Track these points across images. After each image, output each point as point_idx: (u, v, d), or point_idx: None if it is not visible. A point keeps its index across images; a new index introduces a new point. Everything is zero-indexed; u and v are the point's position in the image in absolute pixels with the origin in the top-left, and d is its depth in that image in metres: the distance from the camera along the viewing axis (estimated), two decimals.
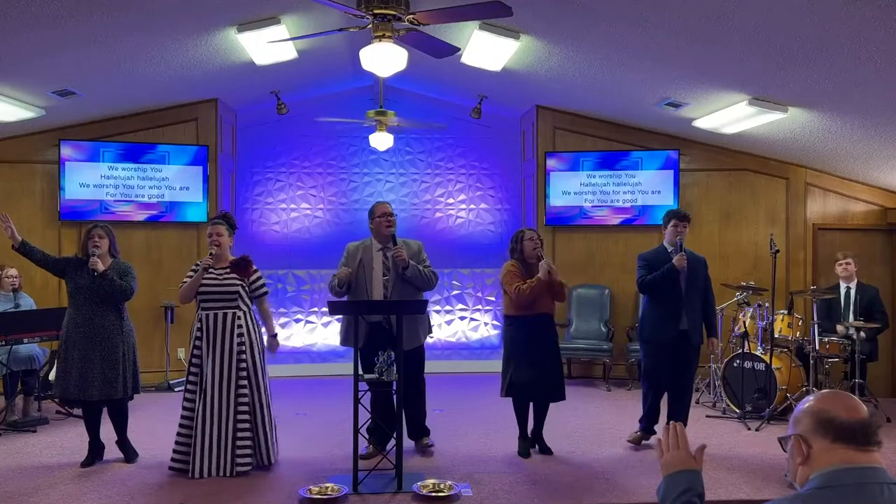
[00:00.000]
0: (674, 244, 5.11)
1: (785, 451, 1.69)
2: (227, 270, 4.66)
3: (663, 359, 5.07)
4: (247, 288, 4.67)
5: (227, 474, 4.45)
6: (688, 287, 5.06)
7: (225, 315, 4.56)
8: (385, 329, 4.75)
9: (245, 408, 4.52)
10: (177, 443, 4.55)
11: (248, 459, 4.52)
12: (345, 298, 4.91)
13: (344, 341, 4.97)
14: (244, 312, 4.62)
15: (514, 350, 4.96)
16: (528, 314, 4.92)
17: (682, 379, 5.12)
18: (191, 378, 4.57)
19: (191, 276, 4.66)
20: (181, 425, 4.55)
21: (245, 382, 4.53)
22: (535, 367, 4.90)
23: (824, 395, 1.68)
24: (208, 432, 4.46)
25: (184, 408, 4.57)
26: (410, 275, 4.82)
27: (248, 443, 4.53)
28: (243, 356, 4.55)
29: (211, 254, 4.65)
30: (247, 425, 4.52)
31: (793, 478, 1.66)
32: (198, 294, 4.61)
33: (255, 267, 4.74)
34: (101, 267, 4.63)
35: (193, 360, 4.57)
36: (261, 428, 4.61)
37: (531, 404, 5.07)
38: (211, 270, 4.65)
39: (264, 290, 4.78)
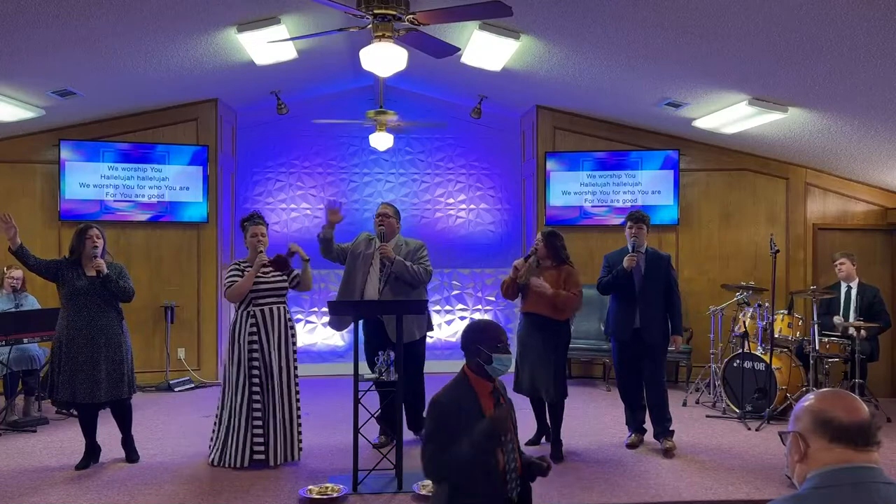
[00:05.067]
0: (632, 245, 5.20)
1: (784, 445, 1.69)
2: (270, 269, 4.88)
3: (624, 355, 5.29)
4: (288, 280, 4.96)
5: (294, 459, 4.76)
6: (644, 286, 5.17)
7: (278, 308, 4.84)
8: (377, 321, 5.04)
9: (298, 395, 4.85)
10: (256, 435, 4.67)
11: (302, 444, 4.86)
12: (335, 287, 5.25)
13: (334, 325, 5.34)
14: (286, 307, 4.94)
15: (517, 343, 5.12)
16: (525, 311, 5.10)
17: (653, 372, 5.21)
18: (254, 371, 4.69)
19: (236, 275, 4.81)
20: (255, 418, 4.66)
21: (297, 372, 4.86)
22: (525, 363, 5.05)
23: (825, 394, 1.67)
24: (279, 421, 4.70)
25: (253, 401, 4.67)
26: (396, 270, 5.07)
27: (301, 428, 4.86)
28: (294, 346, 4.86)
29: (261, 251, 4.83)
30: (300, 411, 4.85)
31: (791, 473, 1.66)
32: (249, 291, 4.81)
33: (288, 260, 4.98)
34: (105, 269, 4.63)
35: (253, 355, 4.70)
36: None
37: (545, 403, 5.14)
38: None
39: (296, 272, 5.01)
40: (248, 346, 4.70)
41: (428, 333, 5.35)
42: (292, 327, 4.87)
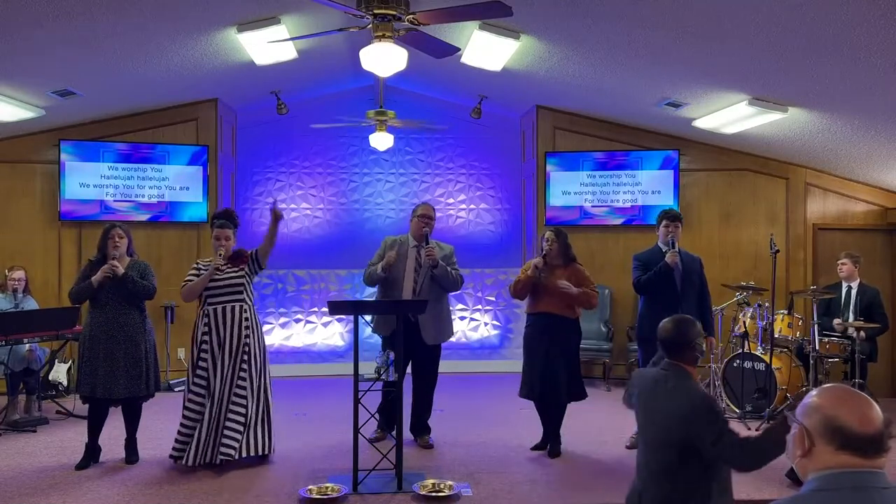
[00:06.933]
0: (667, 244, 5.15)
1: (791, 424, 1.64)
2: (228, 266, 4.78)
3: (651, 357, 5.10)
4: (255, 264, 4.79)
5: (210, 461, 4.54)
6: (683, 286, 5.11)
7: (233, 308, 4.71)
8: (411, 322, 4.95)
9: (241, 399, 4.61)
10: (179, 433, 4.64)
11: (231, 449, 4.54)
12: (375, 289, 5.31)
13: (375, 329, 5.21)
14: (249, 306, 4.76)
15: (524, 347, 5.11)
16: (532, 312, 5.07)
17: None
18: (199, 371, 4.65)
19: (193, 275, 4.77)
20: (185, 416, 4.63)
21: (245, 374, 4.64)
22: (534, 366, 4.98)
23: (838, 394, 1.59)
24: (206, 423, 4.58)
25: (190, 399, 4.65)
26: (439, 274, 5.07)
27: (234, 433, 4.58)
28: (247, 347, 4.67)
29: (220, 255, 4.73)
30: (239, 417, 4.60)
31: (791, 461, 1.63)
32: (204, 290, 4.72)
33: (245, 250, 4.86)
34: (120, 270, 4.65)
35: (202, 355, 4.66)
36: (261, 418, 4.71)
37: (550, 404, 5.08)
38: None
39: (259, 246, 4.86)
40: (200, 347, 4.67)
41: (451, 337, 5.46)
42: (249, 328, 4.69)
